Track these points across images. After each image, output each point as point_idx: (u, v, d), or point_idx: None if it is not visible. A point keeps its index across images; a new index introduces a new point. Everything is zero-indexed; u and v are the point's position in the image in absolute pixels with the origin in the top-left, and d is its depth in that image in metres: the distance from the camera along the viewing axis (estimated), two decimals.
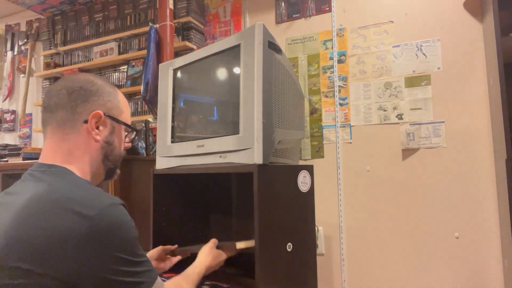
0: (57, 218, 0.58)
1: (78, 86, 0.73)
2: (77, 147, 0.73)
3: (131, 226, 0.65)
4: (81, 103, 0.73)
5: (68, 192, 0.62)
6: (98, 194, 0.65)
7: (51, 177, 0.67)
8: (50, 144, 0.73)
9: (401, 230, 1.73)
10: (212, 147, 1.21)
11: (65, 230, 0.57)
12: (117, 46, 2.49)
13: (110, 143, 0.78)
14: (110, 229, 0.60)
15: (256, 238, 1.06)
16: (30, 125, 2.98)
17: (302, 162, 1.96)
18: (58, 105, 0.72)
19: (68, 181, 0.67)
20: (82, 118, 0.73)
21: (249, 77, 1.10)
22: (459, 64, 1.67)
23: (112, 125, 0.78)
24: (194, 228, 1.60)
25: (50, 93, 0.74)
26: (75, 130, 0.72)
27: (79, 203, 0.60)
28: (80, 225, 0.58)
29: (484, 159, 1.60)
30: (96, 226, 0.59)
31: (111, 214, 0.62)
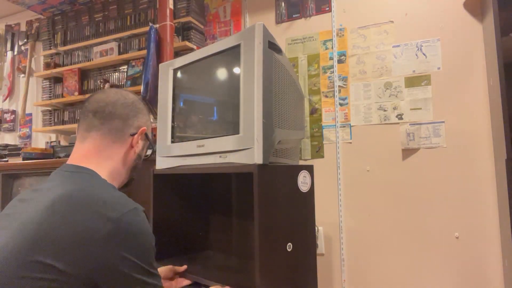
0: (82, 217, 0.60)
1: (131, 102, 0.83)
2: (118, 155, 0.80)
3: (151, 235, 0.67)
4: (132, 117, 0.82)
5: (95, 194, 0.65)
6: (123, 198, 0.67)
7: (80, 178, 0.70)
8: (91, 147, 0.77)
9: (401, 230, 1.73)
10: (212, 147, 1.21)
11: (89, 229, 0.59)
12: (117, 46, 2.49)
13: (139, 156, 0.86)
14: (131, 233, 0.62)
15: (256, 238, 1.06)
16: (30, 125, 2.98)
17: (302, 162, 1.96)
18: (114, 115, 0.79)
19: (96, 183, 0.70)
20: (131, 131, 0.82)
21: (249, 77, 1.10)
22: (459, 64, 1.67)
23: (145, 141, 0.87)
24: (194, 228, 1.60)
25: (103, 101, 0.80)
26: (121, 139, 0.80)
27: (104, 205, 0.63)
28: (103, 226, 0.60)
29: (484, 159, 1.60)
30: (118, 228, 0.61)
31: (133, 219, 0.64)
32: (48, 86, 2.79)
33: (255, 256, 1.05)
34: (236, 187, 1.60)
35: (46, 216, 0.60)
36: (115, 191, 0.70)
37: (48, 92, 2.79)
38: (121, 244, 0.60)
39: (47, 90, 2.79)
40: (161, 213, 1.47)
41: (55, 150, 2.17)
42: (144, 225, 0.66)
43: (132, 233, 0.62)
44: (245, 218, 1.55)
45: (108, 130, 0.78)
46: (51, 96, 2.77)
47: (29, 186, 2.13)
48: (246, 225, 1.54)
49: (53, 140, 2.82)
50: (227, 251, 1.59)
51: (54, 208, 0.61)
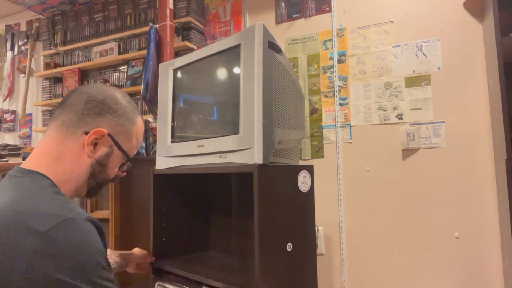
0: (11, 233, 0.52)
1: (101, 98, 0.71)
2: (68, 154, 0.68)
3: (92, 248, 0.56)
4: (92, 114, 0.70)
5: (28, 205, 0.57)
6: (58, 207, 0.58)
7: (21, 185, 0.62)
8: (45, 142, 0.69)
9: (401, 230, 1.73)
10: (212, 147, 1.21)
11: (16, 246, 0.51)
12: (117, 46, 2.49)
13: (102, 165, 0.73)
14: (62, 248, 0.52)
15: (256, 238, 1.06)
16: (30, 125, 2.98)
17: (302, 162, 1.96)
18: (72, 107, 0.70)
19: (34, 191, 0.61)
20: (85, 129, 0.69)
21: (249, 77, 1.10)
22: (459, 64, 1.67)
23: (111, 148, 0.73)
24: (194, 228, 1.60)
25: (73, 92, 0.71)
26: (73, 136, 0.69)
27: (35, 217, 0.54)
28: (29, 242, 0.51)
29: (484, 159, 1.60)
30: (46, 243, 0.52)
31: (66, 231, 0.54)
32: (48, 86, 2.80)
33: (255, 256, 1.05)
34: (236, 187, 1.60)
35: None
36: (53, 199, 0.60)
37: (48, 92, 2.79)
38: (51, 262, 0.51)
39: (47, 90, 2.79)
40: (161, 213, 1.47)
41: None
42: (81, 237, 0.55)
43: (64, 249, 0.52)
44: (245, 218, 1.55)
45: (61, 122, 0.69)
46: (51, 96, 2.77)
47: None
48: (246, 225, 1.54)
49: None
50: (227, 251, 1.59)
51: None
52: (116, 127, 0.72)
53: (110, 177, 0.77)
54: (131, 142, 0.77)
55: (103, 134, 0.70)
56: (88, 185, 0.74)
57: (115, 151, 0.74)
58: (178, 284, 1.28)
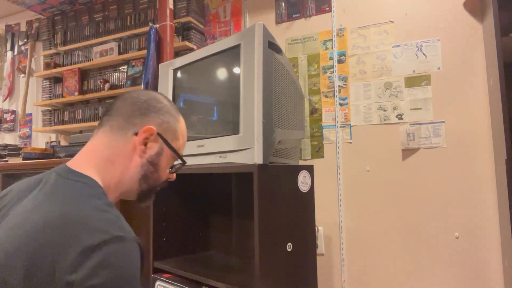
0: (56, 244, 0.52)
1: (143, 100, 0.72)
2: (119, 157, 0.69)
3: (134, 267, 0.56)
4: (139, 115, 0.70)
5: (81, 215, 0.56)
6: (112, 222, 0.58)
7: (73, 190, 0.61)
8: (93, 146, 0.70)
9: (401, 230, 1.73)
10: (212, 147, 1.21)
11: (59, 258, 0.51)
12: (117, 46, 2.49)
13: (154, 164, 0.73)
14: (106, 265, 0.52)
15: (256, 238, 1.06)
16: (30, 125, 2.98)
17: (302, 162, 1.96)
18: (118, 111, 0.71)
19: (89, 201, 0.60)
20: (134, 130, 0.70)
21: (249, 77, 1.10)
22: (459, 64, 1.67)
23: (161, 146, 0.73)
24: (194, 228, 1.60)
25: (117, 99, 0.73)
26: (124, 139, 0.69)
27: (85, 229, 0.54)
28: (75, 254, 0.52)
29: (484, 159, 1.60)
30: (88, 258, 0.52)
31: (112, 248, 0.54)
32: (48, 86, 2.80)
33: (255, 256, 1.05)
34: (236, 187, 1.60)
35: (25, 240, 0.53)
36: (106, 213, 0.59)
37: (48, 92, 2.79)
38: (91, 276, 0.51)
39: (47, 90, 2.79)
40: (161, 213, 1.47)
41: (55, 150, 2.17)
42: (124, 257, 0.55)
43: (107, 265, 0.52)
44: (245, 218, 1.55)
45: (110, 127, 0.69)
46: (51, 96, 2.77)
47: None
48: (246, 225, 1.54)
49: (53, 140, 2.82)
50: (227, 251, 1.59)
51: (33, 234, 0.54)
52: (162, 125, 0.73)
53: (162, 178, 0.76)
54: (178, 140, 0.76)
55: (153, 132, 0.70)
56: (140, 187, 0.73)
57: (165, 150, 0.74)
58: (178, 284, 1.28)
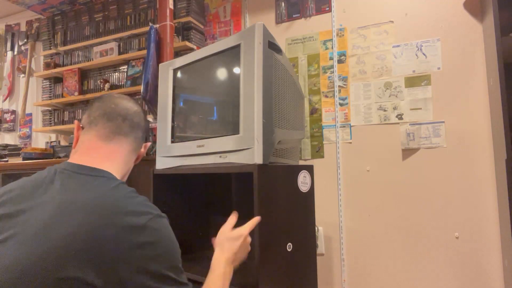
0: (106, 227, 0.59)
1: (145, 118, 0.90)
2: (131, 162, 0.86)
3: (176, 240, 0.69)
4: (147, 130, 0.90)
5: (116, 201, 0.65)
6: (144, 204, 0.68)
7: (99, 183, 0.69)
8: (116, 149, 0.80)
9: (401, 230, 1.73)
10: (212, 147, 1.21)
11: (114, 240, 0.58)
12: (117, 46, 2.49)
13: (139, 159, 0.93)
14: (156, 240, 0.63)
15: (256, 238, 1.06)
16: (30, 125, 2.98)
17: (302, 162, 1.96)
18: (139, 126, 0.86)
19: (117, 189, 0.69)
20: (142, 143, 0.90)
21: (249, 77, 1.10)
22: (459, 64, 1.67)
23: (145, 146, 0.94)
24: (194, 228, 1.60)
25: (132, 110, 0.85)
26: (138, 149, 0.87)
27: (128, 213, 0.63)
28: (128, 235, 0.60)
29: (484, 159, 1.60)
30: (143, 236, 0.61)
31: (158, 226, 0.65)
32: (48, 86, 2.79)
33: (255, 256, 1.05)
34: (236, 187, 1.60)
35: (68, 226, 0.57)
36: (137, 196, 0.70)
37: (48, 92, 2.79)
38: (147, 253, 0.61)
39: (47, 90, 2.79)
40: None
41: (55, 150, 2.17)
42: (168, 230, 0.67)
43: (158, 241, 0.63)
44: (245, 218, 1.55)
45: (134, 138, 0.84)
46: (51, 96, 2.77)
47: None
48: None
49: (53, 140, 2.82)
50: None
51: (76, 217, 0.59)
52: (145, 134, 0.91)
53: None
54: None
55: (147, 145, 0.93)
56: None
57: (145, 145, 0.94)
58: None
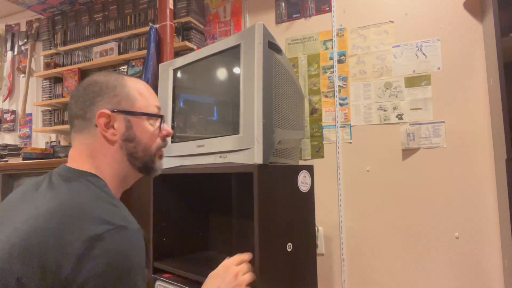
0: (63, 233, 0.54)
1: (82, 92, 0.71)
2: (97, 152, 0.69)
3: (138, 256, 0.58)
4: (88, 108, 0.69)
5: (85, 208, 0.58)
6: (114, 213, 0.59)
7: (74, 186, 0.63)
8: (77, 148, 0.71)
9: (401, 230, 1.73)
10: (212, 147, 1.21)
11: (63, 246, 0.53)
12: (117, 46, 2.49)
13: (131, 139, 0.71)
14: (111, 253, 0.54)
15: (256, 238, 1.06)
16: (30, 125, 2.98)
17: (302, 162, 1.96)
18: (72, 112, 0.71)
19: (90, 194, 0.62)
20: (93, 123, 0.69)
21: (249, 77, 1.10)
22: (459, 64, 1.67)
23: (126, 119, 0.70)
24: (194, 228, 1.60)
25: (70, 101, 0.72)
26: (91, 135, 0.69)
27: (91, 221, 0.56)
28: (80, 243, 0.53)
29: (484, 159, 1.60)
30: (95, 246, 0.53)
31: (117, 237, 0.56)
32: (48, 86, 2.79)
33: (255, 256, 1.05)
34: (236, 187, 1.60)
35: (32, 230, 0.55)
36: (107, 203, 0.61)
37: (48, 92, 2.79)
38: (95, 265, 0.52)
39: (47, 90, 2.79)
40: (161, 213, 1.47)
41: (55, 150, 2.18)
42: (130, 245, 0.57)
43: (111, 254, 0.54)
44: (245, 218, 1.55)
45: (74, 132, 0.71)
46: (51, 96, 2.77)
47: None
48: (246, 225, 1.54)
49: (53, 140, 2.82)
50: (227, 251, 1.59)
51: (38, 223, 0.55)
52: (112, 100, 0.70)
53: (153, 143, 0.74)
54: (137, 99, 0.72)
55: (106, 114, 0.68)
56: (134, 166, 0.73)
57: (132, 119, 0.71)
58: (178, 284, 1.28)
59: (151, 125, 0.74)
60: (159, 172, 0.79)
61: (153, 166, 0.76)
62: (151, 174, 0.78)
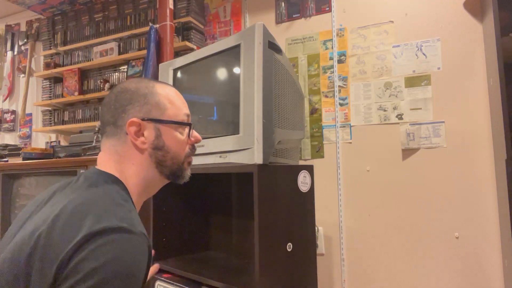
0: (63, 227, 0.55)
1: (114, 100, 0.71)
2: (125, 158, 0.70)
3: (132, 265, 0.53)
4: (119, 116, 0.70)
5: (93, 206, 0.58)
6: (121, 215, 0.58)
7: (95, 187, 0.64)
8: (106, 153, 0.72)
9: (401, 230, 1.73)
10: (212, 147, 1.21)
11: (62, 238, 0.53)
12: (117, 46, 2.49)
13: (160, 148, 0.71)
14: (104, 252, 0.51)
15: (256, 238, 1.06)
16: (30, 125, 2.98)
17: (302, 162, 1.96)
18: (104, 122, 0.72)
19: (106, 195, 0.62)
20: (124, 130, 0.70)
21: (249, 77, 1.10)
22: (459, 64, 1.67)
23: (156, 127, 0.71)
24: (194, 228, 1.60)
25: (102, 108, 0.73)
26: (121, 141, 0.70)
27: (93, 217, 0.55)
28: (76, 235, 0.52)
29: (484, 159, 1.60)
30: (87, 242, 0.52)
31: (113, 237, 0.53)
32: (48, 86, 2.79)
33: (255, 256, 1.05)
34: (236, 187, 1.60)
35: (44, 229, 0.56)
36: (118, 206, 0.60)
37: (48, 92, 2.79)
38: (88, 258, 0.51)
39: (47, 90, 2.79)
40: (161, 213, 1.47)
41: (55, 150, 2.17)
42: (129, 248, 0.54)
43: (106, 251, 0.52)
44: (245, 218, 1.55)
45: (106, 138, 0.72)
46: (51, 96, 2.77)
47: (29, 186, 2.13)
48: (246, 225, 1.54)
49: (53, 140, 2.82)
50: (227, 251, 1.59)
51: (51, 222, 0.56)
52: (142, 108, 0.70)
53: (182, 151, 0.75)
54: (167, 108, 0.73)
55: (137, 122, 0.69)
56: (162, 173, 0.73)
57: (161, 128, 0.72)
58: (178, 284, 1.28)
59: (180, 133, 0.75)
60: (187, 179, 0.79)
61: (181, 174, 0.77)
62: (179, 181, 0.78)
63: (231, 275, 1.24)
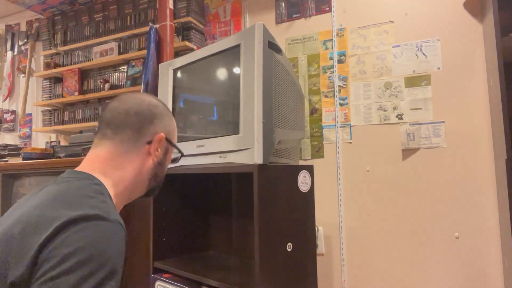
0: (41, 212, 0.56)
1: (145, 108, 0.76)
2: (131, 165, 0.74)
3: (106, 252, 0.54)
4: (146, 125, 0.76)
5: (67, 197, 0.60)
6: (94, 205, 0.59)
7: (68, 182, 0.65)
8: (101, 153, 0.73)
9: (401, 230, 1.73)
10: (212, 147, 1.21)
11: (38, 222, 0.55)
12: (117, 46, 2.49)
13: (162, 164, 0.80)
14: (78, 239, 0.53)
15: (256, 238, 1.06)
16: (30, 125, 2.98)
17: (302, 162, 1.96)
18: (126, 124, 0.74)
19: (79, 187, 0.63)
20: (146, 139, 0.75)
21: (249, 77, 1.10)
22: (459, 64, 1.67)
23: (167, 147, 0.81)
24: (194, 228, 1.60)
25: (116, 110, 0.75)
26: (136, 149, 0.75)
27: (66, 206, 0.57)
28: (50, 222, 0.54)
29: (484, 159, 1.60)
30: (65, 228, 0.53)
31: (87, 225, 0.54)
32: (48, 86, 2.79)
33: (255, 256, 1.05)
34: (236, 187, 1.60)
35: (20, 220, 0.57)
36: (92, 198, 0.61)
37: (48, 92, 2.79)
38: (62, 244, 0.51)
39: (47, 90, 2.79)
40: (161, 213, 1.47)
41: (55, 150, 2.17)
42: (103, 234, 0.55)
43: (81, 238, 0.52)
44: (245, 218, 1.55)
45: (120, 141, 0.73)
46: (51, 96, 2.77)
47: (29, 186, 2.13)
48: (246, 225, 1.54)
49: (53, 140, 2.82)
50: (227, 251, 1.59)
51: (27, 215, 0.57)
52: (166, 128, 0.79)
53: (165, 173, 0.84)
54: (175, 136, 0.84)
55: (162, 138, 0.77)
56: (149, 186, 0.80)
57: (169, 149, 0.82)
58: (178, 284, 1.28)
59: (171, 158, 0.86)
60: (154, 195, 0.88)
61: (157, 190, 0.85)
62: (152, 195, 0.86)
63: (231, 275, 1.24)
